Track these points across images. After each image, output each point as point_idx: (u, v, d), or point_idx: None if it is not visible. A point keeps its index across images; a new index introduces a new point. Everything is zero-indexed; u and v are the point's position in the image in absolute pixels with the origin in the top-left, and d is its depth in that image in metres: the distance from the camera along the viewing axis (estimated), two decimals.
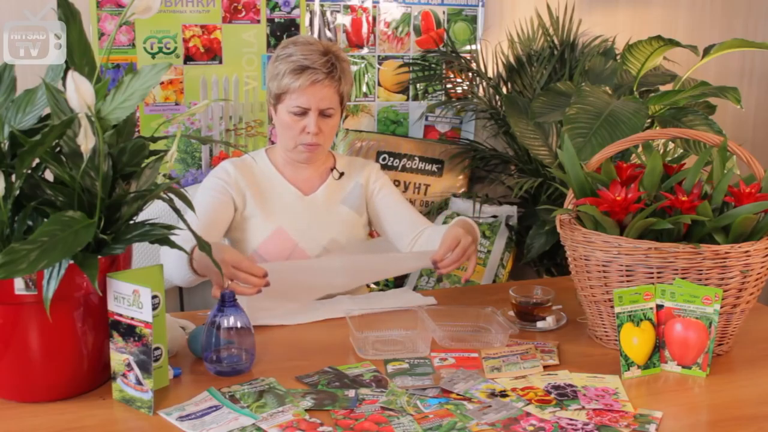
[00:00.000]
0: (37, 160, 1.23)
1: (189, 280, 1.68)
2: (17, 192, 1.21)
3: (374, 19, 2.89)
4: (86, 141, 1.17)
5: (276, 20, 2.76)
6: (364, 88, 2.93)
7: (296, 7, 2.77)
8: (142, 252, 2.18)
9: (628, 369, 1.44)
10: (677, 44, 2.44)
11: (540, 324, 1.68)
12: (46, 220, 1.20)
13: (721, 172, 1.55)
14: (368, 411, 1.28)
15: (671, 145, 2.69)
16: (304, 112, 1.83)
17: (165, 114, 2.70)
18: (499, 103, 2.92)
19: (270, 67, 1.87)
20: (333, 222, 1.96)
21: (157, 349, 1.33)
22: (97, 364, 1.34)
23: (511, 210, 2.87)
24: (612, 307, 1.49)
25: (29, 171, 1.23)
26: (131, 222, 1.32)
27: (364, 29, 2.89)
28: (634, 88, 2.55)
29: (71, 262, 1.20)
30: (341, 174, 2.00)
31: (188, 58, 2.69)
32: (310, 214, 1.94)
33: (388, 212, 2.02)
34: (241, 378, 1.41)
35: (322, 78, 1.80)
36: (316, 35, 2.81)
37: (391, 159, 2.90)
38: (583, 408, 1.30)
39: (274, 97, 1.87)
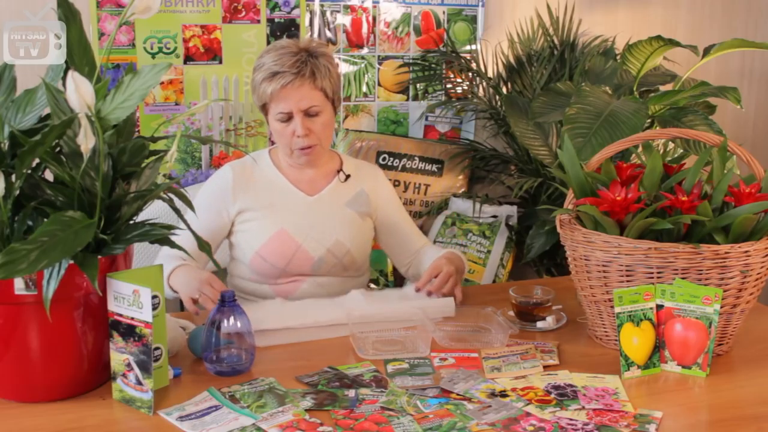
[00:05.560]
0: (37, 160, 1.23)
1: (168, 294, 1.74)
2: (17, 192, 1.21)
3: (374, 19, 2.89)
4: (86, 141, 1.17)
5: (276, 20, 2.76)
6: (364, 88, 2.93)
7: (296, 7, 2.77)
8: (142, 252, 2.17)
9: (628, 369, 1.44)
10: (677, 44, 2.44)
11: (540, 324, 1.68)
12: (46, 220, 1.20)
13: (721, 172, 1.55)
14: (368, 411, 1.28)
15: (671, 145, 2.69)
16: (288, 117, 1.83)
17: (165, 114, 2.70)
18: (499, 103, 2.92)
19: (251, 80, 1.88)
20: (338, 223, 1.94)
21: (157, 349, 1.33)
22: (97, 364, 1.34)
23: (511, 210, 2.86)
24: (612, 307, 1.49)
25: (29, 171, 1.23)
26: (131, 222, 1.32)
27: (364, 29, 2.89)
28: (634, 88, 2.55)
29: (71, 262, 1.20)
30: (348, 176, 1.99)
31: (188, 58, 2.69)
32: (314, 215, 1.92)
33: (388, 228, 2.04)
34: (241, 378, 1.41)
35: (291, 79, 1.79)
36: (316, 35, 2.81)
37: (391, 159, 2.90)
38: (583, 408, 1.30)
39: (261, 109, 1.90)
